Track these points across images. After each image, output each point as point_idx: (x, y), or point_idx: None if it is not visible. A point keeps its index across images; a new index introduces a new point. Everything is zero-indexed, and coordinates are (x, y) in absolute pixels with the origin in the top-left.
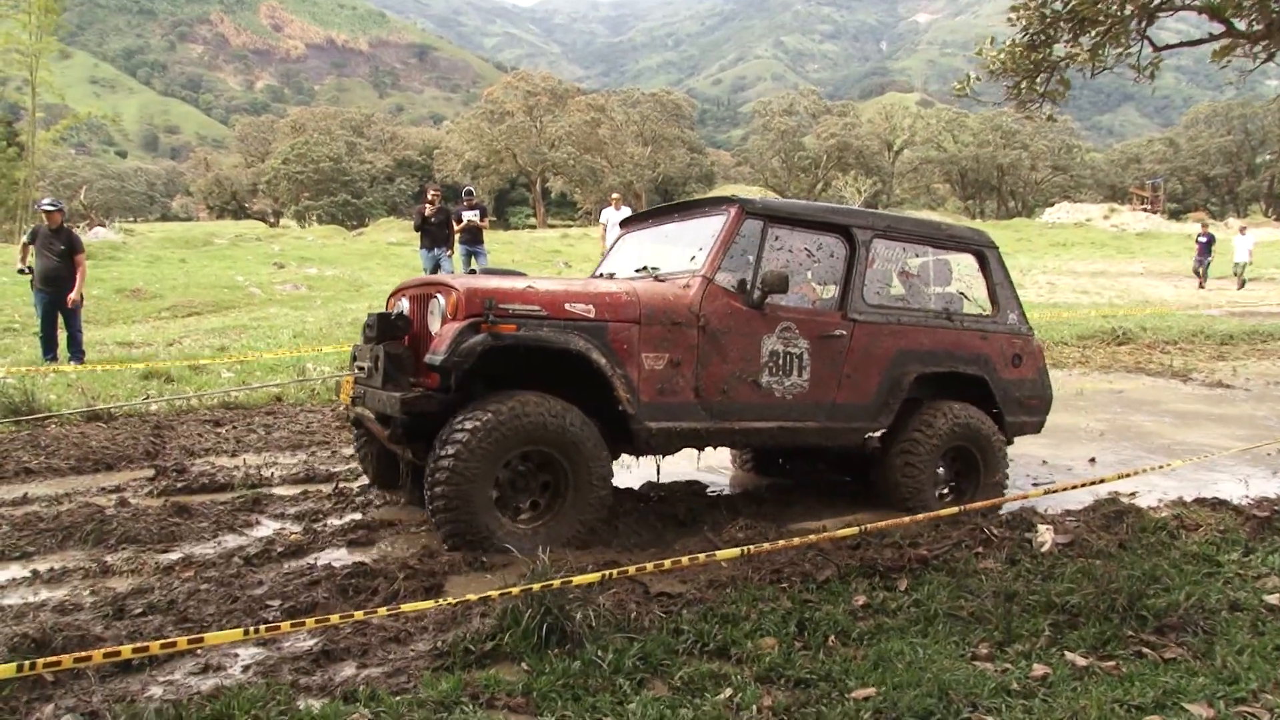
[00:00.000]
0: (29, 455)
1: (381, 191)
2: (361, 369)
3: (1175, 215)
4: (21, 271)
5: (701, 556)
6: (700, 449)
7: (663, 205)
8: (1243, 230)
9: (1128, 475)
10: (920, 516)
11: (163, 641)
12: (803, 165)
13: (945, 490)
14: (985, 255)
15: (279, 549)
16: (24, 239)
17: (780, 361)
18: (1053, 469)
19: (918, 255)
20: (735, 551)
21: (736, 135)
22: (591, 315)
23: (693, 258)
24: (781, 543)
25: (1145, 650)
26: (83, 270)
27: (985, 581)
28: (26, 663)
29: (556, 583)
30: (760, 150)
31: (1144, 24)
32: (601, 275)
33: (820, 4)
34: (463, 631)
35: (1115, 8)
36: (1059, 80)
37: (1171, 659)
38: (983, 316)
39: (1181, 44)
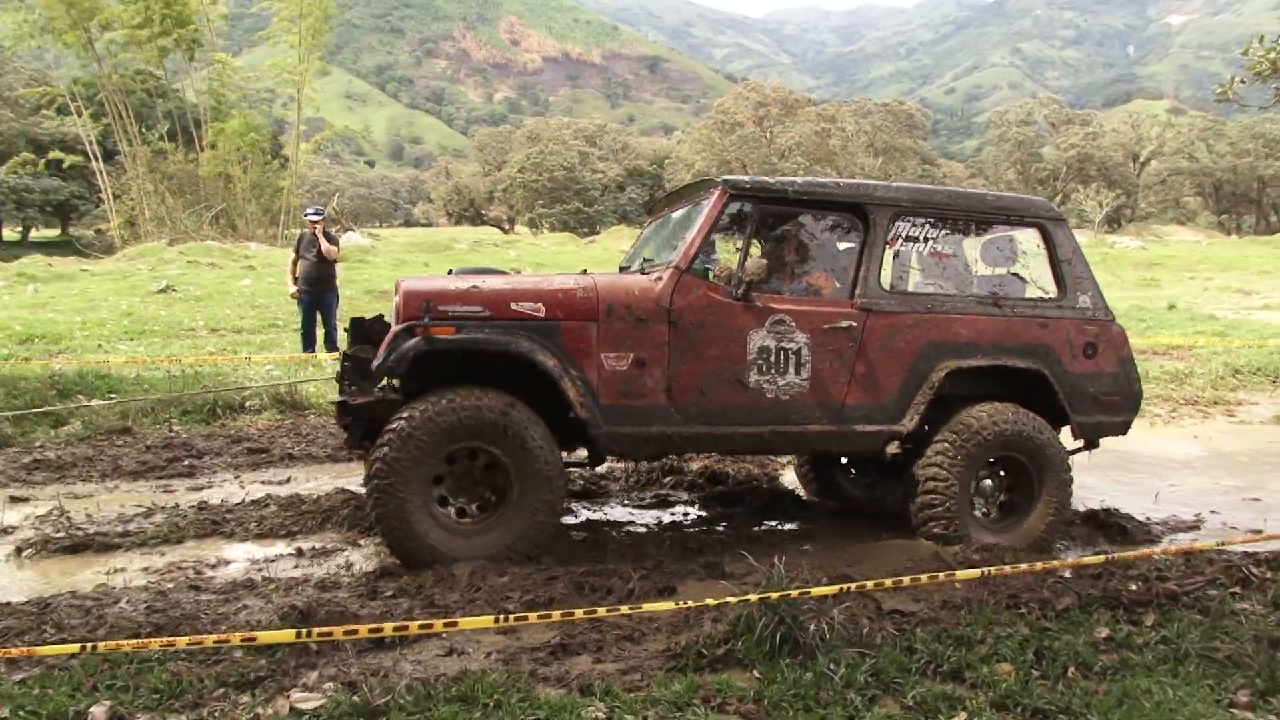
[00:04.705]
0: (292, 442)
1: (612, 200)
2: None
3: None
4: (294, 296)
5: (941, 575)
6: (679, 455)
7: (676, 189)
8: None
9: None
10: (1171, 549)
11: (420, 622)
12: (1040, 177)
13: (990, 510)
14: (1048, 229)
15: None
16: (292, 255)
17: (772, 358)
18: None
19: (957, 233)
20: (975, 573)
21: (970, 146)
22: (541, 314)
23: (676, 246)
24: (1023, 566)
25: None
26: (333, 250)
27: (1244, 624)
28: (303, 630)
29: (794, 593)
30: (995, 161)
31: None
32: (624, 268)
33: (1062, 8)
34: (695, 635)
35: None
36: None
37: None
38: (1043, 301)
39: None
